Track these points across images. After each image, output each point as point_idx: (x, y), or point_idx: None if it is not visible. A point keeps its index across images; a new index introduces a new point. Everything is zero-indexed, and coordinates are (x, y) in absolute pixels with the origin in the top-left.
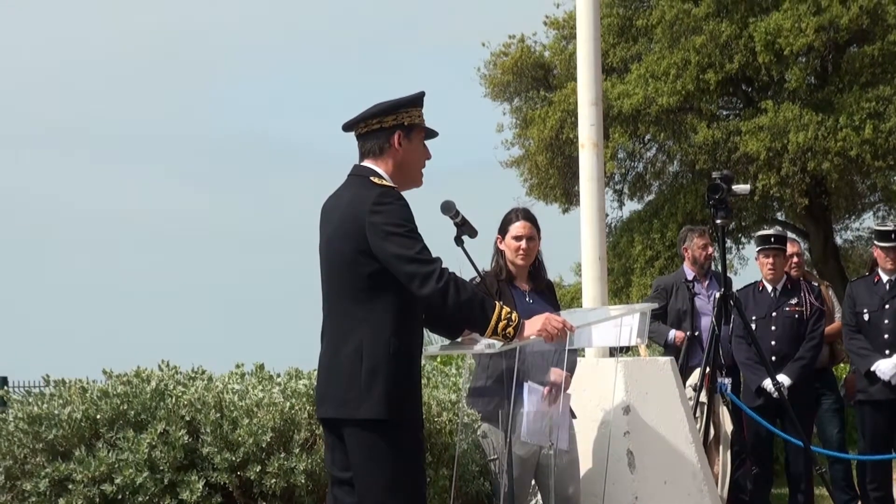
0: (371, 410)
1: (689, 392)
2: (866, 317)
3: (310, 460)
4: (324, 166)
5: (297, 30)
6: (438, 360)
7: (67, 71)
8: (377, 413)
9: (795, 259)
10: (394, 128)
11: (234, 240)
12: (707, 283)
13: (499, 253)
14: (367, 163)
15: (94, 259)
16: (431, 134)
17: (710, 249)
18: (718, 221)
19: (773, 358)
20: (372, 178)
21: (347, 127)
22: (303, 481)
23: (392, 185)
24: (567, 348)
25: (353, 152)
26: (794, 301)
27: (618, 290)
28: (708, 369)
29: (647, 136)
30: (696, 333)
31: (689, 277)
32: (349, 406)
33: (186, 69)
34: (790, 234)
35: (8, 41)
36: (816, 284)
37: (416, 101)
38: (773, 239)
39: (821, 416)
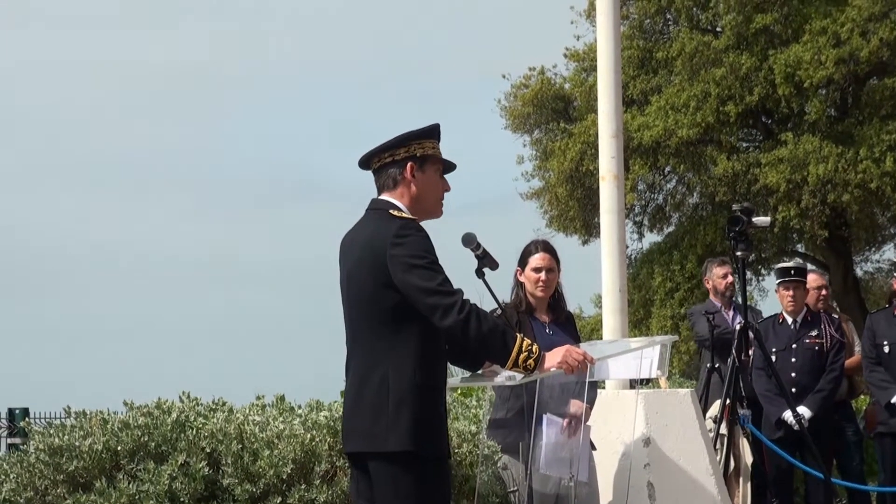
0: (398, 443)
1: (710, 424)
2: (886, 349)
3: (330, 492)
4: (343, 198)
5: (316, 63)
6: (459, 391)
7: (78, 102)
8: (404, 446)
9: (824, 292)
10: (406, 160)
11: (255, 271)
12: (731, 313)
13: (519, 285)
14: (384, 196)
15: (115, 291)
16: (450, 166)
17: (731, 278)
18: (739, 254)
19: (794, 390)
20: (391, 211)
21: (363, 163)
22: None
23: (412, 216)
24: (587, 380)
25: (371, 182)
26: (814, 333)
27: (638, 321)
28: (728, 401)
29: (667, 168)
30: (717, 365)
31: (717, 308)
32: (376, 439)
33: (201, 102)
34: (813, 267)
35: (35, 72)
36: (836, 317)
37: (430, 132)
38: (792, 271)
39: (842, 449)
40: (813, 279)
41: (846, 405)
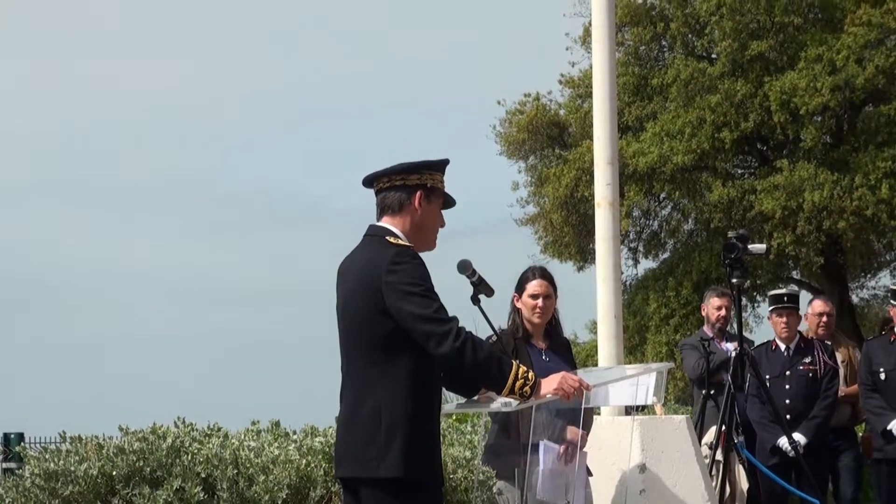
0: (390, 470)
1: (705, 450)
2: (882, 376)
3: None
4: (340, 220)
5: (310, 86)
6: (454, 417)
7: (77, 125)
8: (396, 472)
9: (825, 319)
10: (416, 187)
11: (249, 295)
12: (724, 343)
13: (515, 311)
14: (384, 221)
15: (110, 315)
16: (450, 202)
17: (724, 311)
18: (734, 281)
19: (788, 416)
20: (388, 238)
21: (369, 180)
22: None
23: (408, 244)
24: (583, 407)
25: (368, 207)
26: (807, 360)
27: (633, 347)
28: (724, 427)
29: (663, 195)
30: (712, 392)
31: (709, 337)
32: (368, 465)
33: (197, 126)
34: (818, 295)
35: (35, 94)
36: (830, 343)
37: (441, 165)
38: (785, 298)
39: (839, 474)
40: (816, 305)
41: (849, 431)
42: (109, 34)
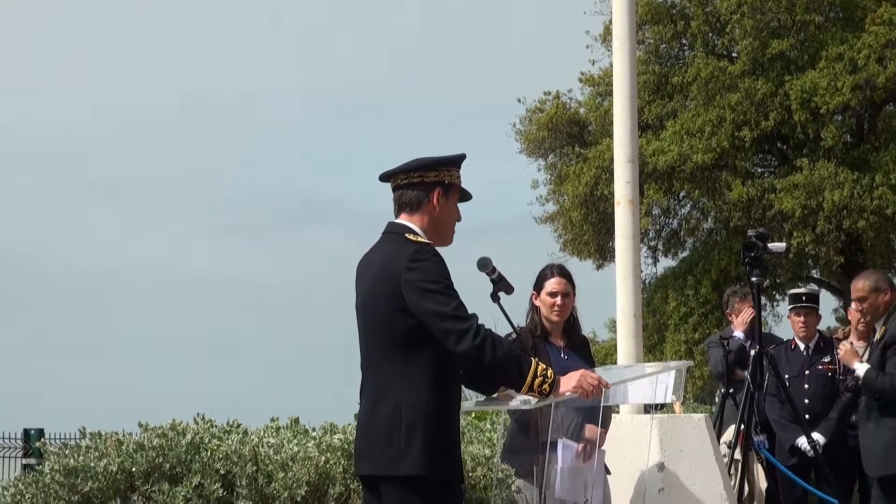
0: (410, 467)
1: (724, 449)
2: None
3: None
4: (358, 220)
5: (330, 84)
6: (473, 415)
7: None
8: (416, 470)
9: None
10: (434, 184)
11: (268, 294)
12: (749, 342)
13: (534, 309)
14: (402, 218)
15: (130, 312)
16: (466, 196)
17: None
18: (753, 279)
19: (807, 416)
20: (407, 235)
21: (386, 176)
22: None
23: (427, 241)
24: (602, 405)
25: (385, 207)
26: (826, 359)
27: (651, 346)
28: (743, 426)
29: (682, 193)
30: (732, 390)
31: (731, 333)
32: (388, 463)
33: (214, 126)
34: (824, 294)
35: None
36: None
37: (458, 161)
38: (804, 297)
39: (863, 473)
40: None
41: None
42: (134, 34)
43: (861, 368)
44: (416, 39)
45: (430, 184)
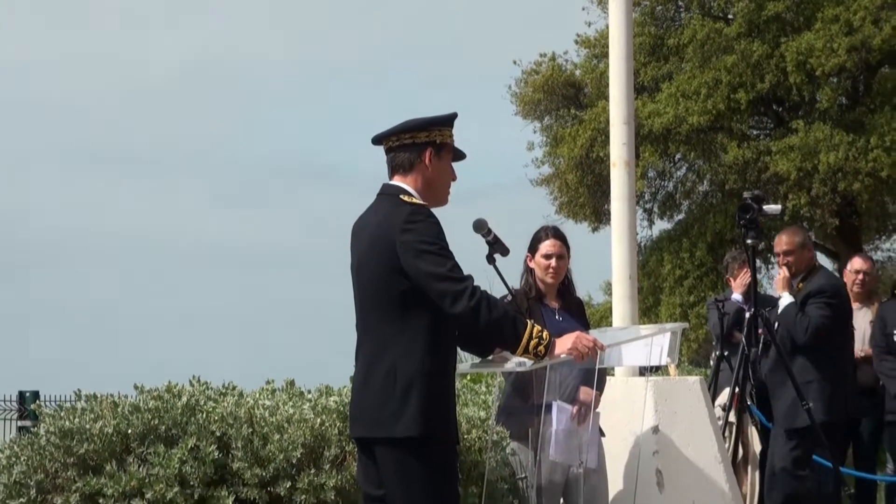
0: (405, 429)
1: (719, 412)
2: None
3: (340, 477)
4: (356, 184)
5: (325, 51)
6: (468, 377)
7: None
8: (411, 431)
9: (861, 276)
10: (426, 144)
11: (265, 257)
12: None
13: (528, 271)
14: (396, 180)
15: (127, 275)
16: (460, 155)
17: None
18: (749, 242)
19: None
20: (402, 197)
21: (378, 139)
22: (333, 498)
23: (422, 202)
24: (597, 367)
25: (381, 168)
26: None
27: (647, 309)
28: (737, 389)
29: (678, 156)
30: (726, 353)
31: (727, 296)
32: (383, 425)
33: (219, 93)
34: (819, 257)
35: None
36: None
37: (449, 120)
38: None
39: (860, 436)
40: (855, 263)
41: (872, 392)
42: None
43: (786, 299)
44: (413, 3)
45: (421, 144)
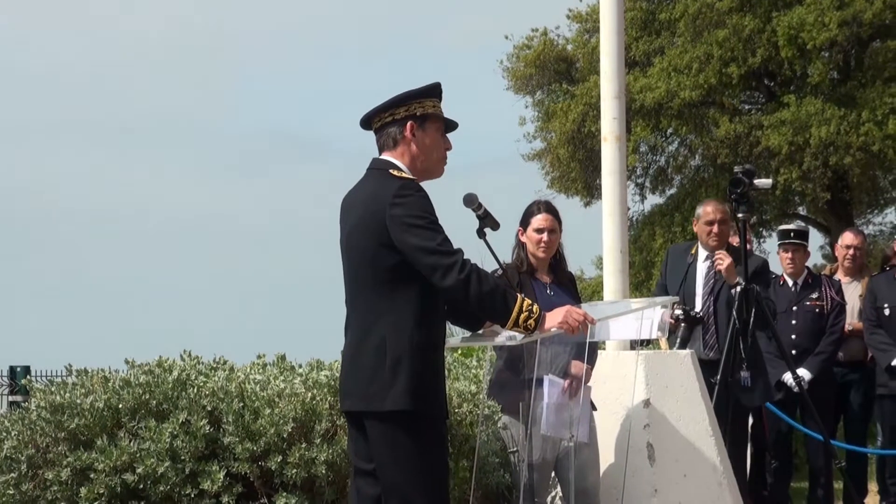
0: (394, 402)
1: None
2: (887, 311)
3: (331, 451)
4: (346, 158)
5: (315, 22)
6: (459, 351)
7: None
8: (400, 405)
9: (852, 252)
10: (406, 119)
11: (256, 231)
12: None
13: (520, 245)
14: (385, 155)
15: (117, 250)
16: (452, 125)
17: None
18: (740, 215)
19: (794, 352)
20: (391, 171)
21: (364, 123)
22: (324, 472)
23: (412, 177)
24: (588, 341)
25: (372, 142)
26: (814, 295)
27: (639, 283)
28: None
29: (670, 130)
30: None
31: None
32: (373, 399)
33: (200, 65)
34: (812, 232)
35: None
36: (837, 279)
37: (430, 91)
38: (792, 234)
39: (850, 409)
40: (846, 237)
41: (862, 365)
42: None
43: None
44: None
45: (401, 119)
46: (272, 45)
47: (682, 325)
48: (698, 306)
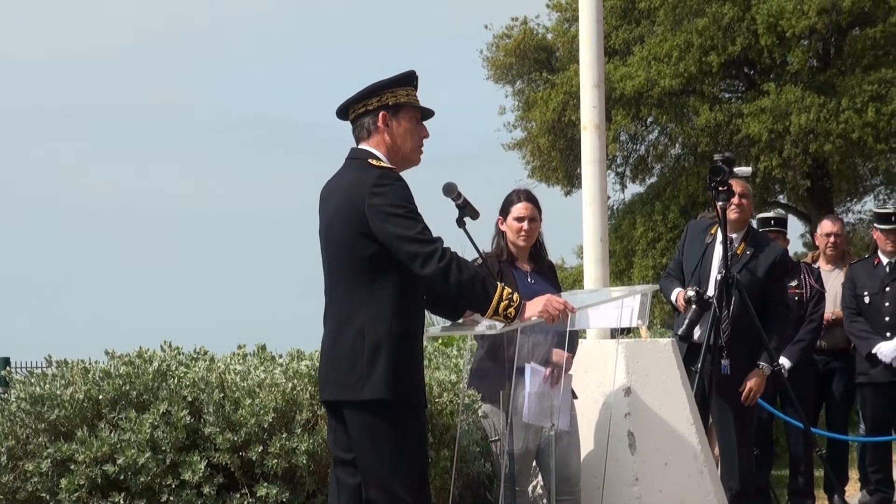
0: (373, 391)
1: None
2: (866, 299)
3: (311, 441)
4: (326, 147)
5: (299, 11)
6: (439, 341)
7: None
8: (379, 394)
9: (833, 239)
10: (378, 109)
11: (236, 220)
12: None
13: (500, 234)
14: (363, 145)
15: (96, 240)
16: (428, 113)
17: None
18: (720, 204)
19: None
20: (370, 161)
21: (340, 113)
22: (304, 462)
23: (390, 166)
24: (568, 329)
25: (349, 131)
26: (793, 283)
27: (619, 272)
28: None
29: (650, 119)
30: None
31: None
32: (351, 388)
33: (180, 51)
34: (791, 220)
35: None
36: (817, 267)
37: (403, 80)
38: (773, 221)
39: (832, 397)
40: (825, 225)
41: (844, 353)
42: None
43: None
44: None
45: (374, 110)
46: (250, 34)
47: (693, 307)
48: (711, 290)
